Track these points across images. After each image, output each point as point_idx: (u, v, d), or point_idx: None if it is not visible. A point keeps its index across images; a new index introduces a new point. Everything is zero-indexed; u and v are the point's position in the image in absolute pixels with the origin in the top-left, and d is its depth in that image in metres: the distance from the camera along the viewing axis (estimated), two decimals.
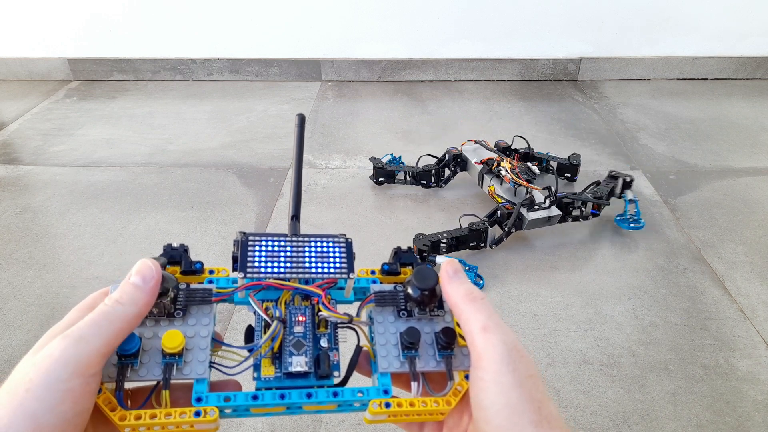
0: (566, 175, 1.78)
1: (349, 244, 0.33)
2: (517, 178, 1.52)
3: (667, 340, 1.21)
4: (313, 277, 0.32)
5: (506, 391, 0.28)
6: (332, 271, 0.32)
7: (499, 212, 1.46)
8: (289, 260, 0.32)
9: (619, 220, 1.56)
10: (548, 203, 1.47)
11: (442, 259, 1.36)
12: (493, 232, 1.45)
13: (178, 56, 2.60)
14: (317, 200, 1.70)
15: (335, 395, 0.30)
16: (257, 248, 0.32)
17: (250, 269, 0.31)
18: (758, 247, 1.50)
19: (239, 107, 2.36)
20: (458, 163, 1.74)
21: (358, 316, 0.33)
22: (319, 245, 0.33)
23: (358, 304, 0.34)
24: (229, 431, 1.02)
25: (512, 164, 1.57)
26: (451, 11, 2.47)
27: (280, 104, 2.39)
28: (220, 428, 0.29)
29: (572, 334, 1.23)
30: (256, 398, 0.29)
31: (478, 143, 1.74)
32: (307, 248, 0.32)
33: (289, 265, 0.31)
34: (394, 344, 0.32)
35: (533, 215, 1.45)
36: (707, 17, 2.48)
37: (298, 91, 2.52)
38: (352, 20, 2.50)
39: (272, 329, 0.30)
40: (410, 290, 0.33)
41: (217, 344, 0.31)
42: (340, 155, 1.96)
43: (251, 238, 0.32)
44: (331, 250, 0.33)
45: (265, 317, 0.31)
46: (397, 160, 1.79)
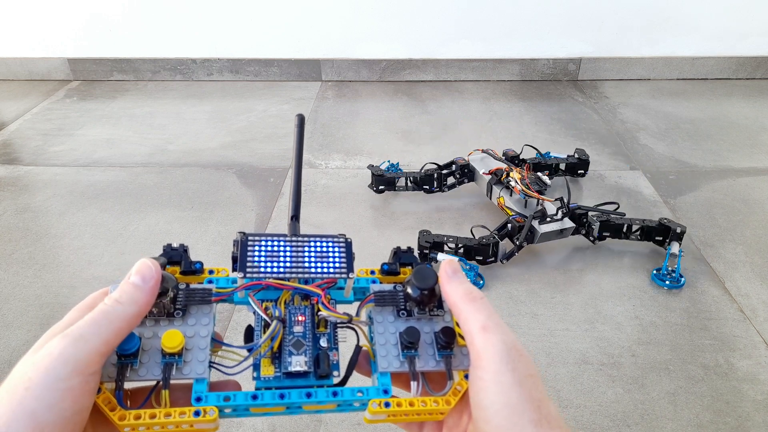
0: (579, 172, 1.76)
1: (348, 244, 0.33)
2: (527, 189, 1.46)
3: (667, 340, 1.21)
4: (312, 276, 0.32)
5: (506, 390, 0.28)
6: (332, 270, 0.32)
7: (509, 225, 1.40)
8: (288, 260, 0.32)
9: (655, 275, 1.37)
10: (560, 215, 1.41)
11: (444, 257, 1.36)
12: (504, 246, 1.39)
13: (178, 56, 2.60)
14: (317, 200, 1.70)
15: (335, 395, 0.30)
16: (257, 248, 0.32)
17: (249, 269, 0.31)
18: (758, 247, 1.50)
19: (239, 107, 2.36)
20: (465, 173, 1.68)
21: (357, 315, 0.33)
22: (318, 245, 0.33)
23: (357, 303, 0.34)
24: (229, 431, 1.02)
25: (522, 174, 1.51)
26: (451, 11, 2.47)
27: (280, 104, 2.39)
28: (219, 428, 0.29)
29: (572, 334, 1.23)
30: (255, 398, 0.29)
31: (485, 152, 1.68)
32: (306, 248, 0.32)
33: (288, 265, 0.32)
34: (393, 344, 0.32)
35: (545, 228, 1.39)
36: (707, 17, 2.48)
37: (298, 91, 2.52)
38: (352, 20, 2.50)
39: (272, 329, 0.30)
40: (410, 290, 0.33)
41: (216, 344, 0.31)
42: (340, 155, 1.96)
43: (251, 238, 0.32)
44: (330, 250, 0.33)
45: (264, 317, 0.31)
46: (395, 166, 1.72)
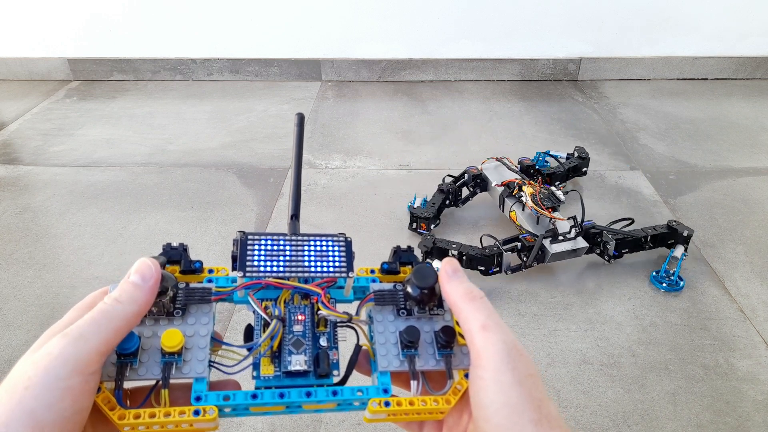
0: (583, 170, 1.73)
1: (348, 243, 0.33)
2: (538, 206, 1.38)
3: (667, 340, 1.21)
4: (312, 276, 0.32)
5: (506, 389, 0.28)
6: (332, 270, 0.32)
7: (519, 243, 1.34)
8: (288, 259, 0.32)
9: (654, 277, 1.36)
10: (573, 234, 1.34)
11: (437, 264, 1.33)
12: (508, 258, 1.32)
13: (178, 56, 2.60)
14: (317, 200, 1.70)
15: (335, 394, 0.30)
16: (257, 247, 0.32)
17: (249, 268, 0.31)
18: (758, 247, 1.50)
19: (239, 107, 2.36)
20: (478, 183, 1.61)
21: (357, 315, 0.33)
22: (318, 244, 0.33)
23: (357, 303, 0.34)
24: (229, 431, 1.02)
25: (534, 189, 1.43)
26: (451, 11, 2.47)
27: (280, 104, 2.39)
28: (219, 428, 0.29)
29: (572, 334, 1.23)
30: (255, 397, 0.29)
31: (499, 161, 1.61)
32: (306, 247, 0.32)
33: (288, 264, 0.31)
34: (393, 343, 0.32)
35: (557, 248, 1.33)
36: (707, 17, 2.48)
37: (298, 91, 2.52)
38: (352, 20, 2.50)
39: (271, 328, 0.30)
40: (410, 289, 0.33)
41: (216, 343, 0.31)
42: (340, 155, 1.96)
43: (251, 237, 0.32)
44: (330, 249, 0.33)
45: (264, 316, 0.31)
46: (425, 201, 1.57)
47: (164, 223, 1.60)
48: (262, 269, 0.31)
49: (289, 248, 0.32)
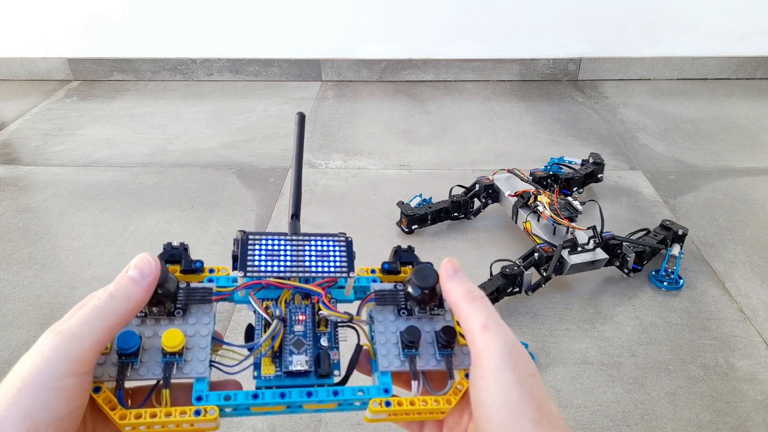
0: (598, 176, 1.70)
1: (349, 242, 0.33)
2: (556, 215, 1.34)
3: (667, 340, 1.21)
4: (313, 275, 0.32)
5: (506, 389, 0.28)
6: (332, 269, 0.32)
7: (536, 254, 1.29)
8: (289, 259, 0.32)
9: (654, 276, 1.36)
10: (593, 245, 1.30)
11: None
12: (529, 276, 1.27)
13: (178, 56, 2.60)
14: (317, 200, 1.70)
15: (335, 394, 0.30)
16: (257, 247, 0.31)
17: (250, 268, 0.31)
18: (758, 247, 1.50)
19: (239, 107, 2.36)
20: (489, 194, 1.57)
21: (358, 314, 0.33)
22: (319, 244, 0.33)
23: (358, 303, 0.34)
24: (229, 431, 1.02)
25: (551, 199, 1.39)
26: (451, 11, 2.47)
27: (280, 104, 2.39)
28: (220, 428, 0.29)
29: (572, 334, 1.23)
30: (256, 397, 0.29)
31: (511, 172, 1.58)
32: (307, 247, 0.32)
33: (289, 263, 0.31)
34: (394, 343, 0.32)
35: (576, 259, 1.28)
36: (707, 17, 2.48)
37: (298, 91, 2.52)
38: (352, 20, 2.50)
39: (272, 328, 0.30)
40: (410, 289, 0.33)
41: (217, 343, 0.31)
42: (340, 155, 1.96)
43: (251, 236, 0.32)
44: (331, 248, 0.32)
45: (265, 316, 0.31)
46: (427, 201, 1.57)
47: (164, 223, 1.60)
48: (262, 269, 0.31)
49: (289, 248, 0.32)
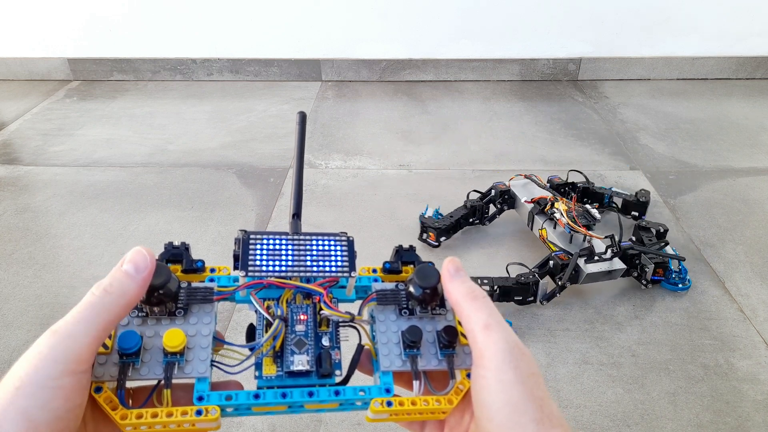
0: (633, 213, 1.55)
1: (350, 242, 0.33)
2: (573, 222, 1.31)
3: (667, 340, 1.21)
4: (314, 275, 0.32)
5: (508, 388, 0.28)
6: (334, 269, 0.32)
7: (551, 263, 1.28)
8: (290, 258, 0.32)
9: (664, 281, 1.33)
10: (610, 254, 1.27)
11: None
12: (544, 285, 1.25)
13: (178, 56, 2.59)
14: (317, 200, 1.70)
15: (337, 394, 0.30)
16: (259, 246, 0.31)
17: (251, 267, 0.31)
18: (758, 247, 1.50)
19: (239, 107, 2.36)
20: (505, 200, 1.54)
21: (359, 314, 0.33)
22: (320, 243, 0.32)
23: (359, 302, 0.34)
24: (229, 431, 1.02)
25: (568, 206, 1.36)
26: (451, 11, 2.47)
27: (280, 104, 2.39)
28: (221, 427, 0.29)
29: (572, 334, 1.23)
30: (257, 397, 0.29)
31: (528, 178, 1.55)
32: (308, 246, 0.32)
33: (290, 263, 0.31)
34: (395, 343, 0.32)
35: (592, 268, 1.25)
36: (707, 17, 2.48)
37: (298, 91, 2.52)
38: (352, 20, 2.50)
39: (274, 328, 0.30)
40: (412, 288, 0.32)
41: (218, 343, 0.31)
42: (340, 155, 1.96)
43: (253, 236, 0.32)
44: (332, 248, 0.32)
45: (266, 316, 0.31)
46: (437, 212, 1.53)
47: (164, 223, 1.60)
48: (264, 268, 0.31)
49: (291, 247, 0.32)
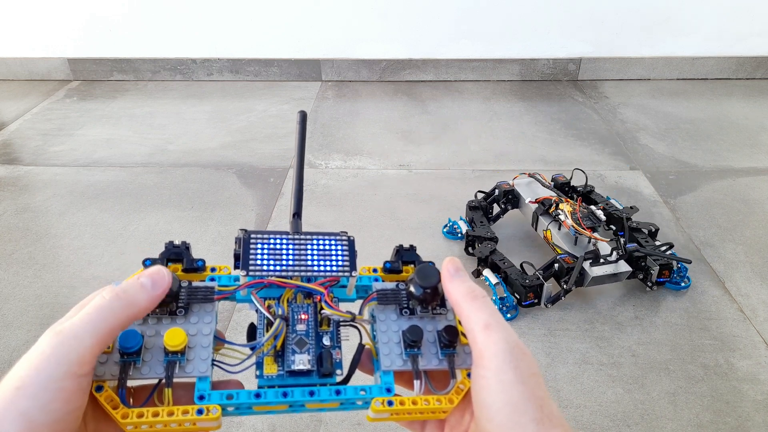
0: (611, 227, 1.43)
1: (351, 241, 0.33)
2: (577, 225, 1.30)
3: (667, 340, 1.21)
4: (315, 274, 0.32)
5: (508, 388, 0.28)
6: (335, 268, 0.32)
7: (557, 266, 1.26)
8: (291, 258, 0.32)
9: (669, 283, 1.32)
10: (615, 257, 1.26)
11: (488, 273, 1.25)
12: (549, 288, 1.25)
13: (178, 56, 2.59)
14: (317, 200, 1.70)
15: (338, 393, 0.30)
16: (260, 246, 0.31)
17: (252, 267, 0.31)
18: (758, 247, 1.50)
19: (239, 107, 2.36)
20: (509, 199, 1.51)
21: (360, 314, 0.33)
22: (321, 243, 0.32)
23: (359, 302, 0.34)
24: (229, 431, 1.02)
25: (573, 207, 1.34)
26: (451, 11, 2.47)
27: (280, 104, 2.39)
28: (221, 427, 0.29)
29: (572, 334, 1.23)
30: (258, 396, 0.29)
31: (532, 177, 1.52)
32: (309, 246, 0.32)
33: (291, 262, 0.31)
34: (396, 342, 0.32)
35: (597, 271, 1.24)
36: (707, 17, 2.48)
37: (298, 91, 2.52)
38: (352, 20, 2.50)
39: (275, 327, 0.30)
40: (412, 288, 0.32)
41: (219, 342, 0.31)
42: (340, 155, 1.96)
43: (253, 235, 0.32)
44: (333, 247, 0.32)
45: (267, 315, 0.31)
46: (456, 226, 1.51)
47: (164, 223, 1.60)
48: (265, 268, 0.31)
49: (292, 247, 0.32)
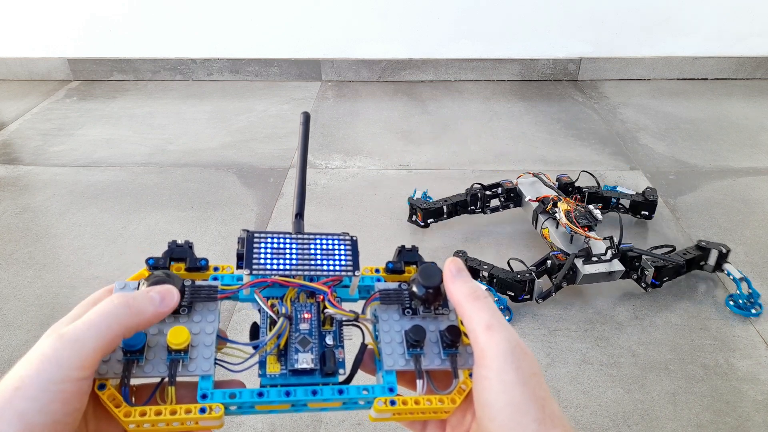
0: (643, 213, 1.54)
1: (354, 242, 0.33)
2: (572, 223, 1.30)
3: (667, 340, 1.21)
4: (318, 274, 0.32)
5: (509, 389, 0.28)
6: (338, 268, 0.32)
7: (549, 262, 1.28)
8: (294, 257, 0.32)
9: (732, 304, 1.27)
10: (609, 255, 1.26)
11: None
12: (540, 284, 1.26)
13: (178, 56, 2.59)
14: (317, 200, 1.70)
15: (340, 393, 0.30)
16: (263, 245, 0.32)
17: (255, 266, 0.31)
18: (758, 247, 1.50)
19: (239, 107, 2.36)
20: (512, 198, 1.54)
21: (363, 313, 0.33)
22: (324, 243, 0.33)
23: (362, 302, 0.34)
24: (229, 430, 1.02)
25: (569, 206, 1.35)
26: (451, 11, 2.47)
27: (280, 104, 2.39)
28: (223, 426, 0.29)
29: (572, 334, 1.23)
30: (261, 395, 0.29)
31: (536, 176, 1.53)
32: (312, 246, 0.32)
33: (294, 262, 0.31)
34: (399, 342, 0.32)
35: (590, 269, 1.25)
36: (707, 17, 2.48)
37: (298, 91, 2.52)
38: (352, 20, 2.50)
39: (278, 326, 0.30)
40: (415, 288, 0.33)
41: (222, 341, 0.31)
42: (340, 155, 1.96)
43: (257, 235, 0.32)
44: (336, 247, 0.33)
45: (271, 314, 0.31)
46: (425, 195, 1.57)
47: (164, 223, 1.60)
48: (268, 267, 0.31)
49: (295, 247, 0.32)
